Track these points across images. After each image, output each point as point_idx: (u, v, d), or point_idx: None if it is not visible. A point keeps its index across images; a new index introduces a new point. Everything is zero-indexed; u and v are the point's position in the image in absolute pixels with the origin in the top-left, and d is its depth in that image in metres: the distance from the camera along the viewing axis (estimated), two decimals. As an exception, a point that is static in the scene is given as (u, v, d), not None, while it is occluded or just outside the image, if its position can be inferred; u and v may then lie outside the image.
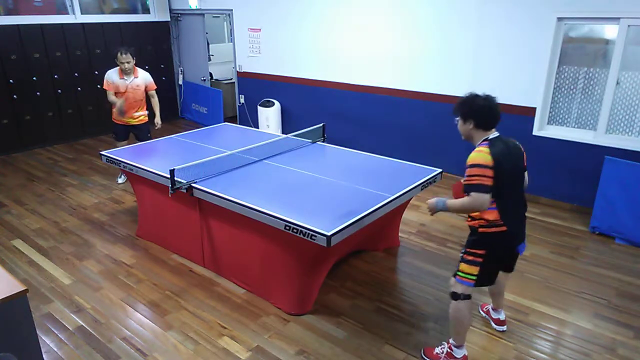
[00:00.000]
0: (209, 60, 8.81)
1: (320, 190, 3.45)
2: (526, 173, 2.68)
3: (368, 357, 2.91)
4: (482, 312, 3.28)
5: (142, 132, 5.53)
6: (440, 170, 3.84)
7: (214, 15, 9.17)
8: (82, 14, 7.27)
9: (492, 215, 2.50)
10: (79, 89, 7.36)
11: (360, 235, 3.22)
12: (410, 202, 4.41)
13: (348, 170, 3.83)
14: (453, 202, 2.52)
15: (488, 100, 2.52)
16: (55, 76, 7.10)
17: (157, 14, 8.26)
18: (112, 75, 5.22)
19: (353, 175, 3.68)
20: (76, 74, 7.23)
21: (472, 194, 2.39)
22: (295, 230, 2.84)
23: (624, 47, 4.46)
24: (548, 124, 5.13)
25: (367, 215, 2.98)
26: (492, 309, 3.19)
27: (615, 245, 4.28)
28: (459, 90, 5.55)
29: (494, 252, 2.58)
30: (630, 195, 4.18)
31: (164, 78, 8.60)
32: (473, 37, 5.33)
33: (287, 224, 2.88)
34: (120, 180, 5.76)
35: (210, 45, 8.92)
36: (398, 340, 3.04)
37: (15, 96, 6.72)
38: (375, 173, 3.79)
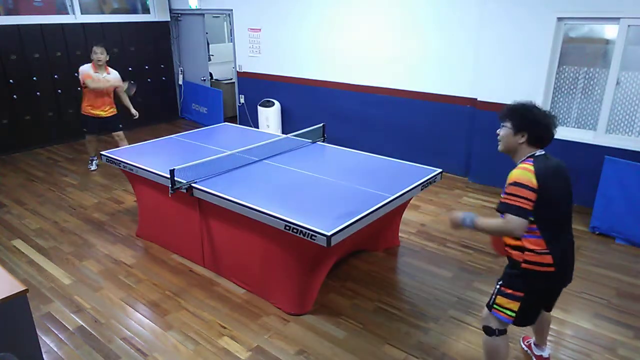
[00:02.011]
0: (209, 60, 8.81)
1: (320, 190, 3.45)
2: None
3: (368, 357, 2.91)
4: (523, 345, 2.93)
5: (113, 124, 5.94)
6: (440, 170, 3.84)
7: (214, 15, 9.17)
8: (82, 14, 7.27)
9: (536, 245, 2.17)
10: (79, 89, 7.34)
11: (360, 235, 3.22)
12: (410, 202, 4.41)
13: (348, 170, 3.82)
14: (483, 221, 2.24)
15: (548, 116, 2.21)
16: (55, 76, 7.10)
17: (157, 14, 8.26)
18: (86, 69, 5.66)
19: (353, 175, 3.68)
20: (76, 74, 7.18)
21: (508, 215, 2.10)
22: (295, 230, 2.84)
23: (624, 47, 4.46)
24: (548, 124, 5.12)
25: (367, 215, 2.98)
26: (535, 345, 2.82)
27: (615, 245, 4.28)
28: (459, 90, 5.60)
29: (536, 294, 2.28)
30: (630, 195, 4.18)
31: (164, 78, 8.61)
32: (473, 37, 5.33)
33: (287, 224, 2.88)
34: (92, 168, 6.13)
35: (210, 45, 8.92)
36: (398, 340, 3.04)
37: (15, 96, 6.73)
38: (375, 173, 3.79)
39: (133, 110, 5.94)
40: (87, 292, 3.57)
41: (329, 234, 2.70)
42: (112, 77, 5.75)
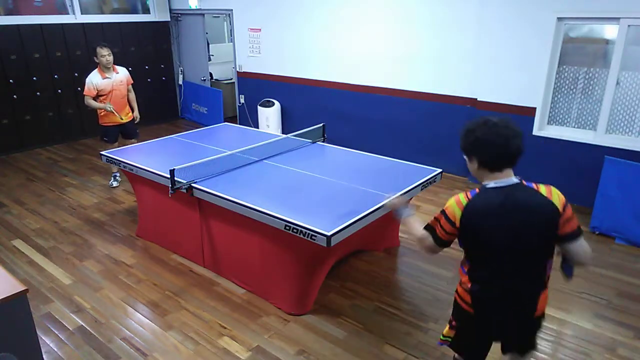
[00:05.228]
0: (209, 60, 8.81)
1: (320, 190, 3.45)
2: (575, 244, 2.02)
3: (368, 357, 2.91)
4: None
5: (131, 129, 5.61)
6: (440, 170, 3.84)
7: (214, 15, 9.17)
8: (82, 14, 7.27)
9: (464, 279, 2.01)
10: (79, 88, 7.34)
11: (360, 235, 3.22)
12: (410, 202, 4.41)
13: (348, 170, 3.82)
14: (412, 223, 2.14)
15: (495, 129, 1.80)
16: (55, 76, 7.10)
17: (157, 14, 8.26)
18: (94, 79, 5.10)
19: (353, 175, 3.68)
20: (76, 74, 7.22)
21: (423, 232, 2.01)
22: (295, 230, 2.84)
23: (624, 47, 4.46)
24: (548, 124, 5.13)
25: (367, 215, 2.98)
26: None
27: (615, 245, 4.28)
28: (459, 90, 5.59)
29: (464, 329, 2.09)
30: (630, 195, 4.18)
31: (164, 78, 8.61)
32: (473, 36, 5.33)
33: (287, 224, 2.88)
34: (114, 184, 5.63)
35: (210, 45, 8.92)
36: (398, 340, 3.04)
37: (15, 96, 6.72)
38: (375, 173, 3.79)
39: (136, 113, 5.59)
40: (87, 292, 3.57)
41: (329, 234, 2.70)
42: (122, 76, 5.35)
